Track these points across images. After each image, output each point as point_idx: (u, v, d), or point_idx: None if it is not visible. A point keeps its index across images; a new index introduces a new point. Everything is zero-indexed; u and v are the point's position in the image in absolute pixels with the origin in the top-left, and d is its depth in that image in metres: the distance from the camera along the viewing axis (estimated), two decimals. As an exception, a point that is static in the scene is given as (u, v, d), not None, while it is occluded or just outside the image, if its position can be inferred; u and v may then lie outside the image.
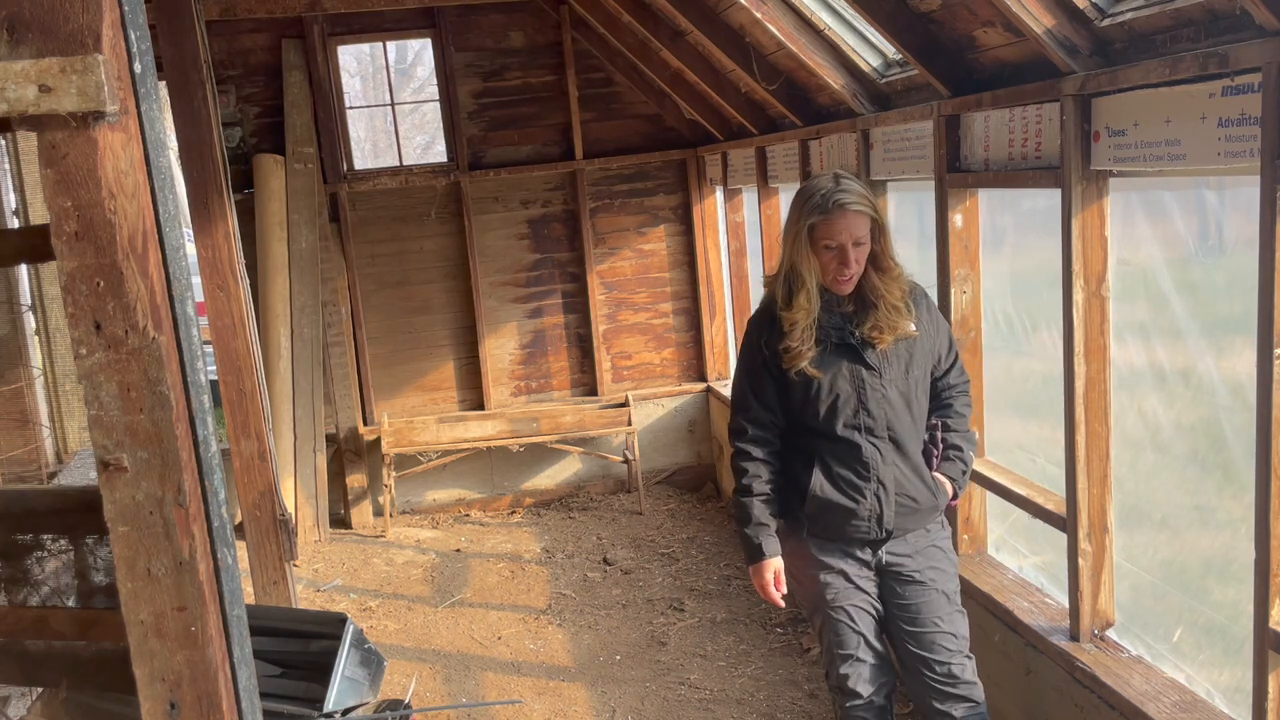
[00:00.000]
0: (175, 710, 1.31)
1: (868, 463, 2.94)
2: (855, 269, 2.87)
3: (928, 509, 3.02)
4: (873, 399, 2.93)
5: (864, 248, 2.87)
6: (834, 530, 3.00)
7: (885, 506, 2.95)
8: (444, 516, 7.17)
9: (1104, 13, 2.80)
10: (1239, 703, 2.80)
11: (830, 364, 2.94)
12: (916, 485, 2.99)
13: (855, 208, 2.83)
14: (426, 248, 7.00)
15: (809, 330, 2.91)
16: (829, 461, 2.97)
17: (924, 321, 3.00)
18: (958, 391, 3.13)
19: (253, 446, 4.02)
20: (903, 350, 2.95)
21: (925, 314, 3.02)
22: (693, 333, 7.39)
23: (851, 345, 2.93)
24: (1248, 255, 2.47)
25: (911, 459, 2.99)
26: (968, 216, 3.81)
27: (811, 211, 2.86)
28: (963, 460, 3.10)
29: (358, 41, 7.09)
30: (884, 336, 2.91)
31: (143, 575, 1.27)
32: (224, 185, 3.87)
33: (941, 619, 3.02)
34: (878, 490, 2.95)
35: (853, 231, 2.82)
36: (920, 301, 3.02)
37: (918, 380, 2.99)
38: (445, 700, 4.59)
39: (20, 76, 1.14)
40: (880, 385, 2.94)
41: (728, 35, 5.09)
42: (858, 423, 2.94)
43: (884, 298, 2.91)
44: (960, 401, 3.13)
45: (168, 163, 1.31)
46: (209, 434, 1.33)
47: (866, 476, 2.94)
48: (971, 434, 3.15)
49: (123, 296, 1.21)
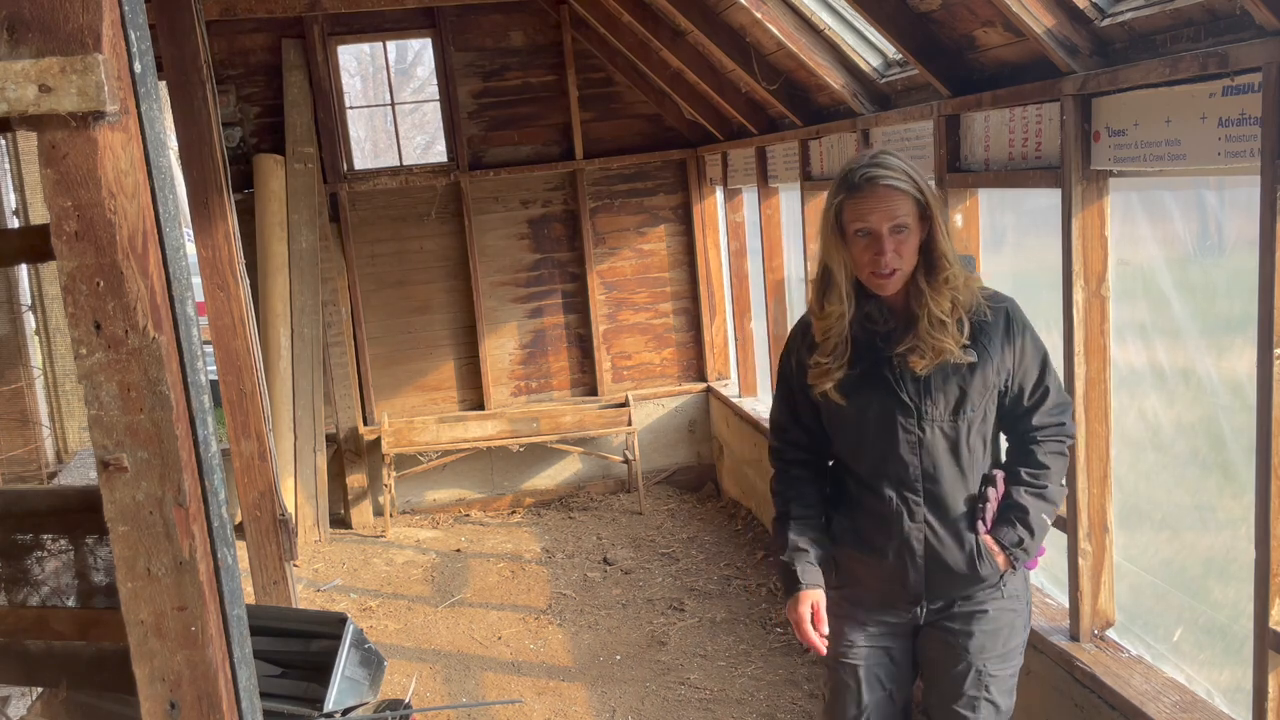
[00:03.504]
0: (175, 710, 1.30)
1: (891, 519, 2.43)
2: (895, 261, 2.29)
3: (966, 579, 2.46)
4: (905, 444, 2.39)
5: (907, 236, 2.29)
6: (856, 584, 2.55)
7: (911, 570, 2.44)
8: (444, 516, 7.17)
9: (1104, 13, 2.80)
10: (1239, 703, 2.79)
11: (861, 391, 2.41)
12: (953, 552, 2.43)
13: (890, 182, 2.27)
14: (426, 248, 7.00)
15: (843, 344, 2.39)
16: (856, 507, 2.50)
17: (994, 344, 2.37)
18: (1045, 435, 2.45)
19: (253, 446, 4.02)
20: (954, 384, 2.36)
21: (1001, 335, 2.38)
22: (693, 333, 7.39)
23: (885, 374, 2.38)
24: (1248, 255, 2.47)
25: (951, 519, 2.42)
26: (968, 216, 3.81)
27: (840, 189, 2.33)
28: (1026, 526, 2.43)
29: (358, 41, 7.08)
30: (920, 360, 2.33)
31: (143, 575, 1.27)
32: (224, 185, 3.87)
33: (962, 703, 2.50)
34: (901, 550, 2.44)
35: (889, 212, 2.27)
36: (998, 319, 2.38)
37: (972, 423, 2.39)
38: (445, 700, 4.59)
39: (20, 76, 1.14)
40: (916, 428, 2.38)
41: (728, 35, 5.09)
42: (885, 470, 2.42)
43: (928, 308, 2.32)
44: (1046, 450, 2.45)
45: (168, 163, 1.31)
46: (209, 434, 1.33)
47: (889, 534, 2.44)
48: (1050, 491, 2.46)
49: (123, 296, 1.21)
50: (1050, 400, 2.45)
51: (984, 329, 2.37)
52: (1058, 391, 2.47)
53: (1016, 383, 2.42)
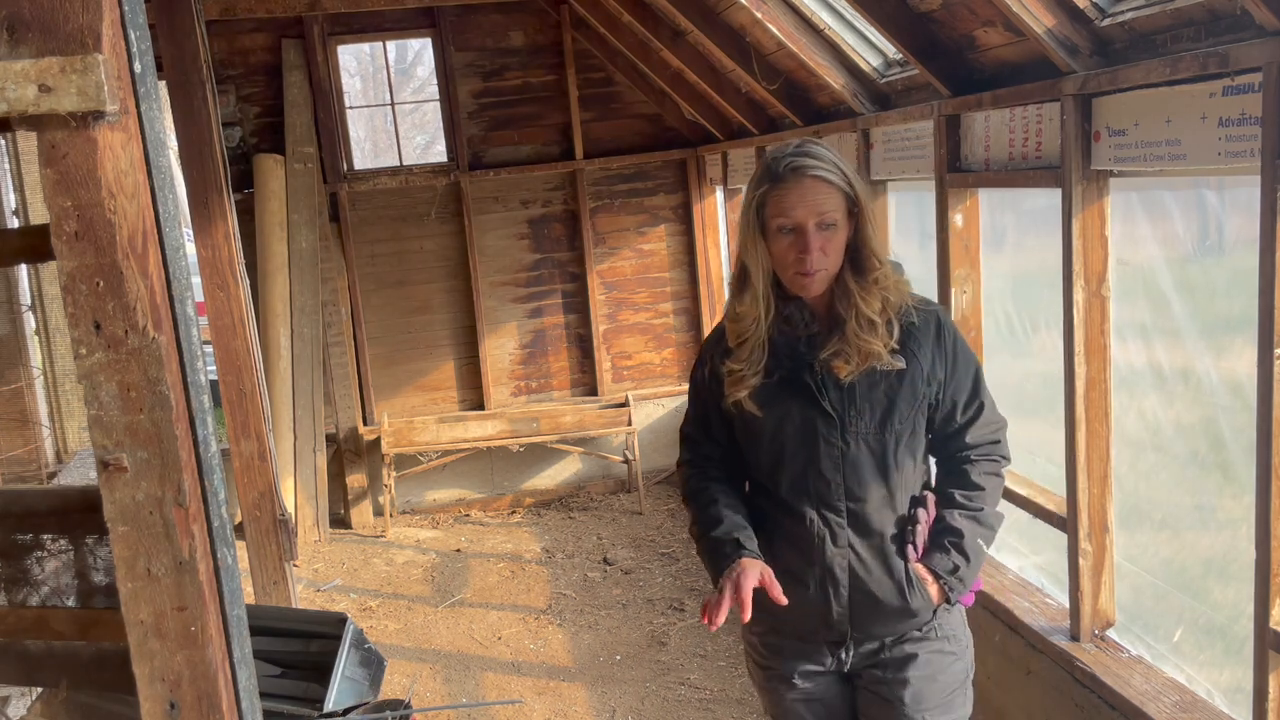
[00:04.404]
0: (175, 710, 1.30)
1: (812, 543, 2.17)
2: (821, 261, 2.06)
3: (897, 612, 2.19)
4: (827, 458, 2.14)
5: (834, 233, 2.06)
6: (779, 621, 2.25)
7: (835, 603, 2.18)
8: (444, 516, 7.17)
9: (1104, 12, 2.80)
10: (1239, 703, 2.79)
11: (780, 401, 2.16)
12: (881, 581, 2.17)
13: (818, 173, 2.04)
14: (426, 248, 7.00)
15: (760, 350, 2.16)
16: (774, 532, 2.22)
17: (924, 351, 2.15)
18: (979, 455, 2.22)
19: (253, 446, 4.02)
20: (880, 392, 2.13)
21: (932, 341, 2.16)
22: (693, 332, 7.39)
23: (806, 380, 2.15)
24: (1248, 255, 2.47)
25: (878, 544, 2.17)
26: (968, 216, 3.81)
27: (762, 180, 2.10)
28: (961, 552, 2.17)
29: (358, 41, 7.09)
30: (845, 365, 2.10)
31: (143, 575, 1.27)
32: (224, 185, 3.87)
33: None
34: (824, 579, 2.17)
35: (816, 207, 2.04)
36: (928, 324, 2.17)
37: (900, 436, 2.15)
38: (445, 700, 4.59)
39: (20, 76, 1.14)
40: (839, 440, 2.14)
41: (728, 35, 5.09)
42: (805, 487, 2.17)
43: (857, 308, 2.10)
44: (980, 470, 2.22)
45: (168, 163, 1.31)
46: (209, 434, 1.33)
47: (810, 560, 2.18)
48: (986, 515, 2.22)
49: (123, 296, 1.21)
50: (984, 417, 2.22)
51: (913, 334, 2.14)
52: (992, 408, 2.24)
53: (949, 396, 2.18)
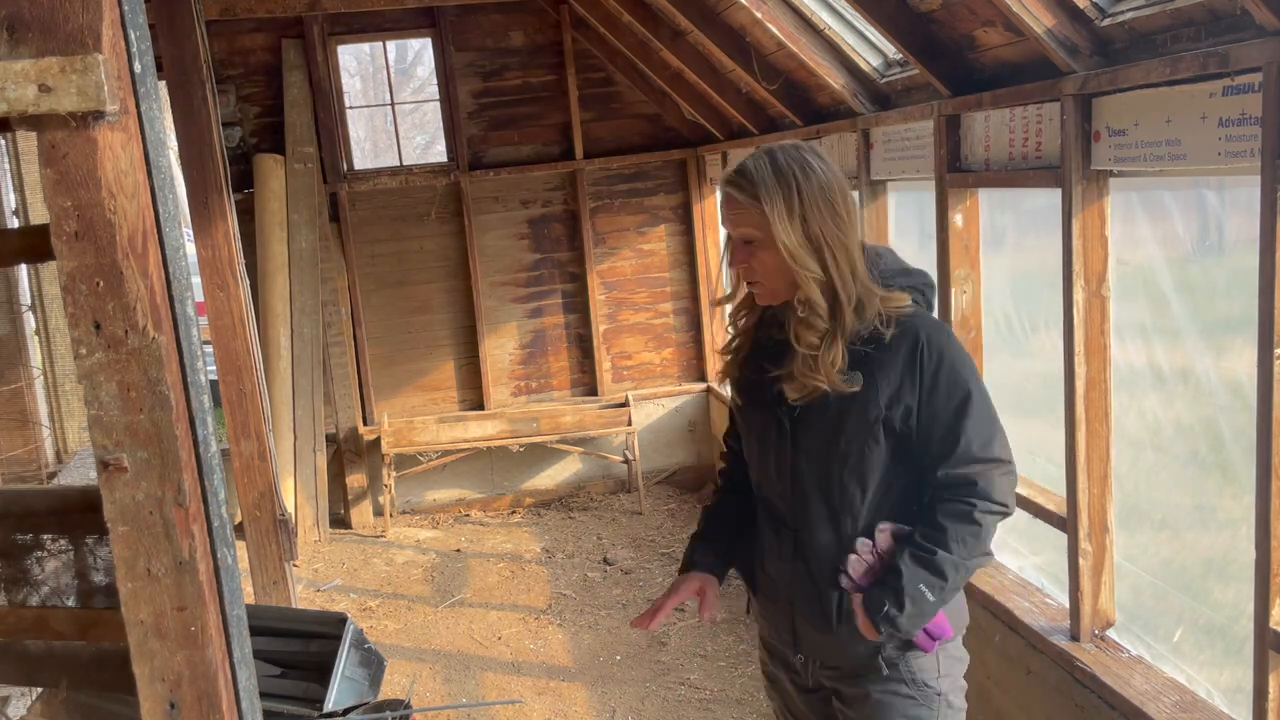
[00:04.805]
0: (175, 710, 1.30)
1: (773, 552, 2.14)
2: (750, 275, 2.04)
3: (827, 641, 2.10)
4: (778, 468, 2.09)
5: (755, 249, 1.99)
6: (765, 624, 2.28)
7: (789, 615, 2.14)
8: (444, 516, 7.17)
9: (1104, 12, 2.80)
10: (1239, 703, 2.79)
11: (753, 405, 2.15)
12: (813, 605, 2.08)
13: (728, 189, 1.99)
14: (426, 248, 7.00)
15: (746, 349, 2.18)
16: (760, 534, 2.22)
17: (887, 373, 1.96)
18: (950, 495, 1.98)
19: (253, 446, 4.02)
20: (831, 410, 1.99)
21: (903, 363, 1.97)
22: (693, 332, 7.39)
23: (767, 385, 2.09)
24: (1248, 255, 2.46)
25: (819, 567, 2.06)
26: (968, 216, 3.81)
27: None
28: (896, 596, 1.95)
29: (358, 41, 7.09)
30: (791, 391, 2.01)
31: (143, 575, 1.27)
32: (224, 185, 3.87)
33: None
34: (781, 588, 2.15)
35: (732, 221, 2.01)
36: (901, 343, 1.97)
37: (847, 458, 2.00)
38: (445, 700, 4.59)
39: (20, 76, 1.14)
40: (790, 451, 2.06)
41: (728, 35, 5.09)
42: (766, 497, 2.16)
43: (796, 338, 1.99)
44: (946, 511, 1.97)
45: (168, 163, 1.31)
46: (209, 434, 1.33)
47: (780, 568, 2.15)
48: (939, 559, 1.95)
49: (123, 296, 1.21)
50: (959, 452, 1.96)
51: (876, 354, 1.97)
52: (982, 447, 1.97)
53: (922, 424, 1.98)
